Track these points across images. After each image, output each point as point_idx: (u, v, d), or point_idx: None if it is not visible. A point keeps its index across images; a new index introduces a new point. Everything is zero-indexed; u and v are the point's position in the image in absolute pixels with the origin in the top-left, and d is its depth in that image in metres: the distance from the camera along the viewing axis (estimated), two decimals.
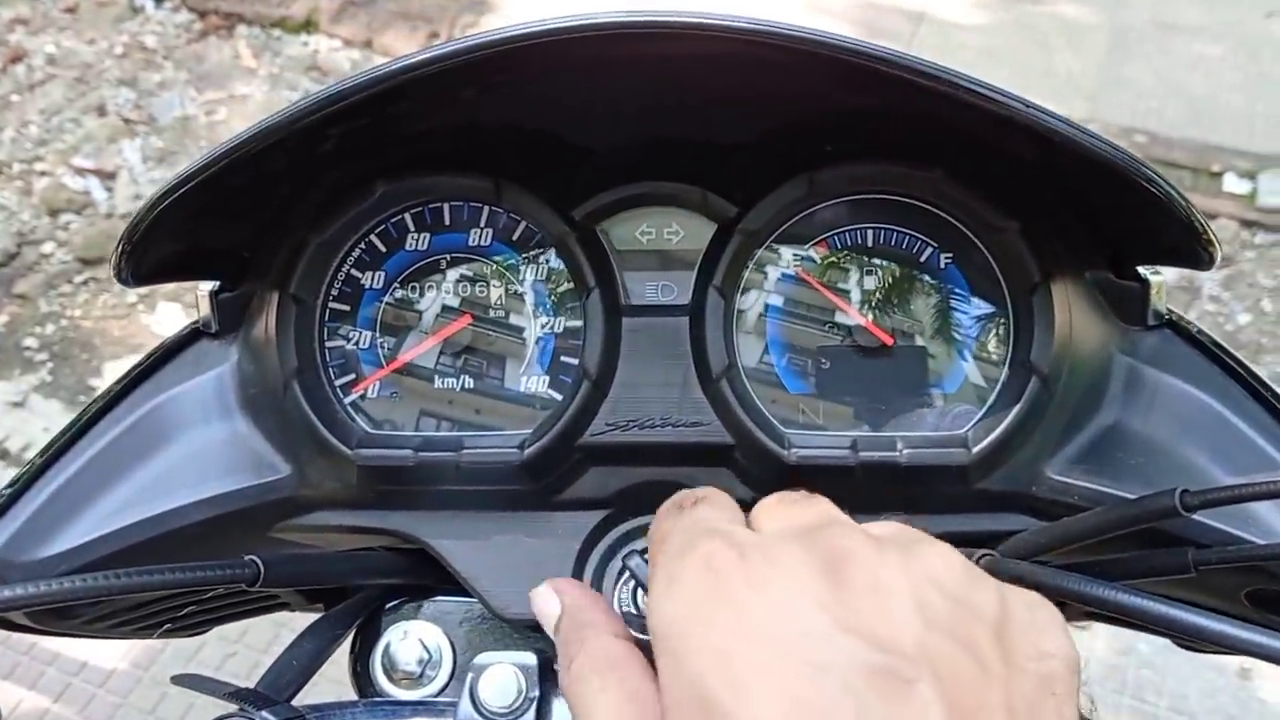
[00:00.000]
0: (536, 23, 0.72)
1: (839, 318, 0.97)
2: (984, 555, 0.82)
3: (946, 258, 0.96)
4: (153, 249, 0.87)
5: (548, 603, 0.77)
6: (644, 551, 0.92)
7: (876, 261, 0.97)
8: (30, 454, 3.56)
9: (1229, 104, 5.05)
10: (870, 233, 0.97)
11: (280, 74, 5.36)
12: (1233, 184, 4.69)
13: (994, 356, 0.95)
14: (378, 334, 0.99)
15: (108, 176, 4.75)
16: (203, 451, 0.96)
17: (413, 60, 0.74)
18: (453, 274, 1.00)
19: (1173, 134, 4.87)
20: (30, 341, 4.13)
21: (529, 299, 0.99)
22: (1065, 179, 0.90)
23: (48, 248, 4.46)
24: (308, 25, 5.59)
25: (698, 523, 0.66)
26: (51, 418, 3.87)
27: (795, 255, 0.98)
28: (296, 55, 5.47)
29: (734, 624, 0.54)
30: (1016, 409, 0.89)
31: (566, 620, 0.74)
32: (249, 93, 5.25)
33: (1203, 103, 5.06)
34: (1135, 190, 0.79)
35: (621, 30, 0.73)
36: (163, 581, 0.74)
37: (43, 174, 4.76)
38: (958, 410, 0.95)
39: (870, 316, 0.96)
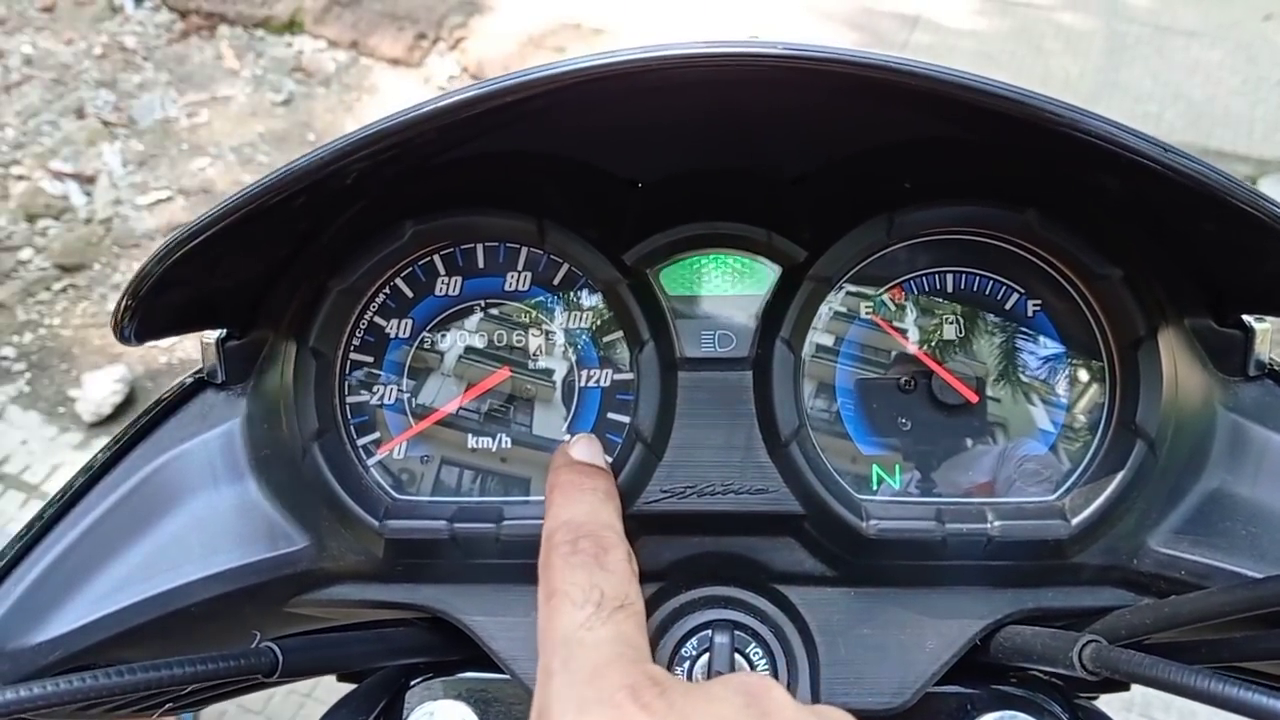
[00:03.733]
0: (604, 55, 0.63)
1: (908, 362, 0.88)
2: (1090, 642, 0.74)
3: (1035, 305, 0.87)
4: (159, 303, 0.78)
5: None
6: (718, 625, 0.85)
7: (957, 308, 0.88)
8: (8, 467, 3.44)
9: (1228, 108, 4.99)
10: (950, 277, 0.88)
11: (264, 75, 5.24)
12: None
13: (1088, 415, 0.87)
14: (403, 387, 0.90)
15: (87, 180, 4.63)
16: (210, 520, 0.87)
17: (456, 100, 0.65)
18: (481, 315, 0.91)
19: (1172, 138, 4.76)
20: (7, 351, 4.01)
21: (571, 349, 0.90)
22: (1165, 217, 0.82)
23: (25, 254, 4.34)
24: (292, 26, 5.46)
25: (615, 637, 0.64)
26: (30, 429, 3.76)
27: (866, 298, 0.89)
28: (280, 56, 5.34)
29: None
30: (1120, 476, 0.81)
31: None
32: (232, 94, 5.13)
33: (1202, 106, 5.01)
34: (1265, 234, 0.71)
35: (702, 64, 0.64)
36: (171, 677, 0.67)
37: (20, 178, 4.63)
38: (1046, 472, 0.86)
39: (950, 369, 0.87)
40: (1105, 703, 0.99)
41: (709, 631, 0.84)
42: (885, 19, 5.58)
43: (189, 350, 3.78)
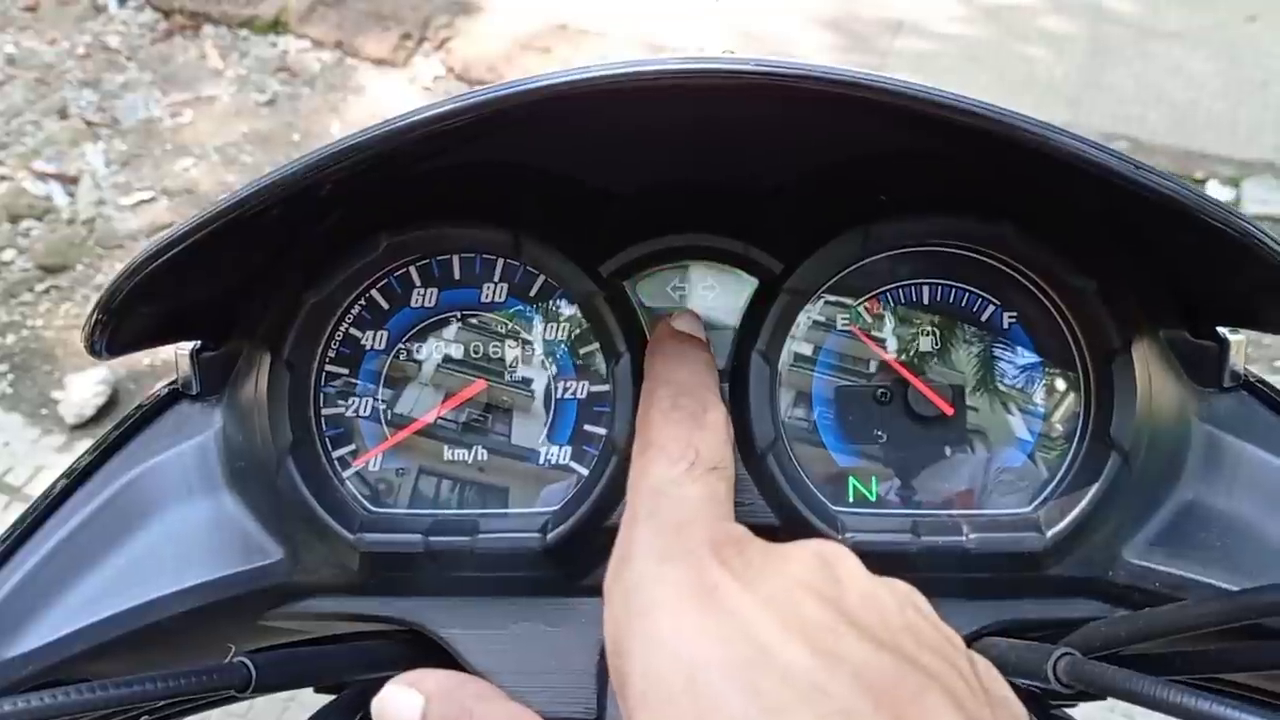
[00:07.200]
0: (586, 70, 0.63)
1: (888, 371, 0.88)
2: (1065, 655, 0.74)
3: (1010, 318, 0.88)
4: (130, 316, 0.77)
5: (402, 702, 0.64)
6: None
7: (934, 319, 0.89)
8: None
9: (1211, 110, 5.02)
10: (926, 289, 0.88)
11: (248, 75, 5.22)
12: (1216, 191, 4.65)
13: (1065, 425, 0.87)
14: (379, 398, 0.89)
15: (70, 181, 4.61)
16: (185, 533, 0.86)
17: (428, 115, 0.64)
18: (458, 325, 0.91)
19: (1155, 140, 4.83)
20: None
21: (548, 361, 0.90)
22: (1141, 230, 0.82)
23: (8, 255, 4.32)
24: (276, 25, 5.45)
25: (705, 495, 0.64)
26: (12, 431, 3.74)
27: (844, 309, 0.89)
28: (265, 56, 5.33)
29: (736, 605, 0.54)
30: (1095, 488, 0.81)
31: (435, 706, 0.64)
32: (216, 94, 5.12)
33: (1185, 108, 5.03)
34: (1239, 249, 0.71)
35: (687, 80, 0.64)
36: (144, 694, 0.66)
37: (2, 179, 4.61)
38: (1023, 483, 0.87)
39: (927, 380, 0.87)
40: (1086, 707, 1.00)
41: None
42: (869, 24, 5.58)
43: (172, 353, 3.76)
